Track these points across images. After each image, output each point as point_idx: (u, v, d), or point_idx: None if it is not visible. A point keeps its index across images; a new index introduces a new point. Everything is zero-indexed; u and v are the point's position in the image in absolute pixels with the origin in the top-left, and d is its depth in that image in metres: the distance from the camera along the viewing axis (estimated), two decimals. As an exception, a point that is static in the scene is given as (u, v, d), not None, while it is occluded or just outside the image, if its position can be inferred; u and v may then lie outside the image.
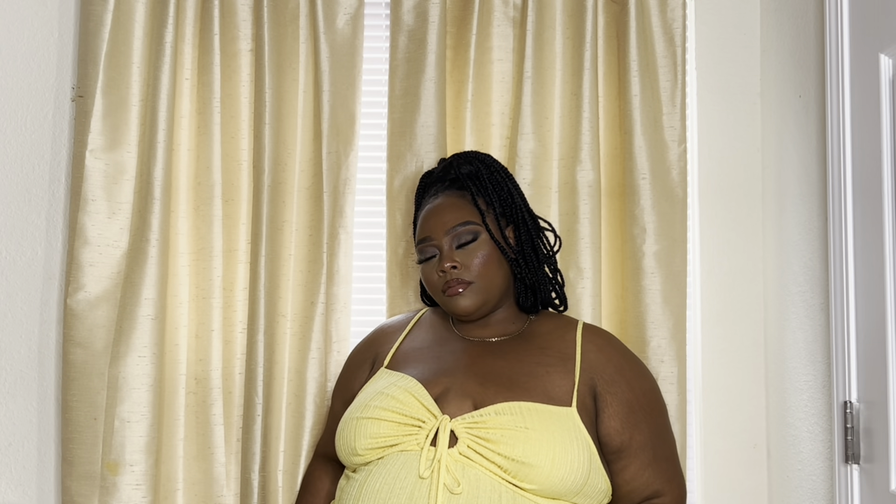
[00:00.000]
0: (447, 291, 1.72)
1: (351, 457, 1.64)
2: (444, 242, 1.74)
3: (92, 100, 2.01)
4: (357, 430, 1.63)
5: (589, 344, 1.74)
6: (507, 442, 1.55)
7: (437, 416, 1.60)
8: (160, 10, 2.03)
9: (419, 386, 1.66)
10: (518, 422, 1.58)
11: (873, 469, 1.66)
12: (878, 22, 1.66)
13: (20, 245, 2.09)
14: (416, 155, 2.03)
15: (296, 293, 2.04)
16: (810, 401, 1.92)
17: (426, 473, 1.55)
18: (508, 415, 1.59)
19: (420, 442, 1.58)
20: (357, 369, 1.84)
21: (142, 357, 1.97)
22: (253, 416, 1.98)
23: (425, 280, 1.77)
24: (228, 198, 2.07)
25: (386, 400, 1.64)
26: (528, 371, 1.68)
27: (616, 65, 2.10)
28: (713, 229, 2.15)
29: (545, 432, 1.57)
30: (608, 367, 1.71)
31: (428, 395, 1.64)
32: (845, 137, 1.75)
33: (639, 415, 1.69)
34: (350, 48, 2.08)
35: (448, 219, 1.76)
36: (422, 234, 1.78)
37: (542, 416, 1.59)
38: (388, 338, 1.84)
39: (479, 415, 1.60)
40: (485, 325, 1.78)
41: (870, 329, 1.67)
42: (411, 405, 1.62)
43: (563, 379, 1.67)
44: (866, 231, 1.68)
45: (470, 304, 1.73)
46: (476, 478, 1.55)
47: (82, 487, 1.95)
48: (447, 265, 1.72)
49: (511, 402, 1.61)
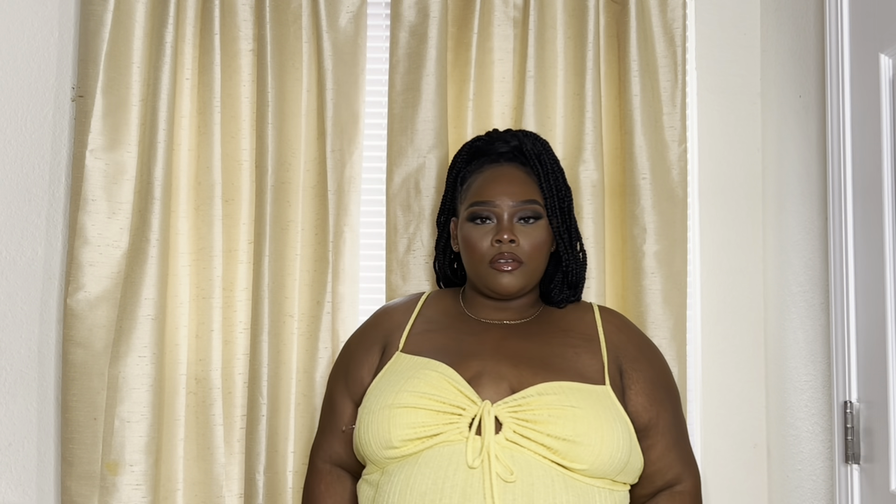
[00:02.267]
0: (496, 264, 1.65)
1: (384, 450, 1.53)
2: (507, 212, 1.67)
3: (92, 100, 2.01)
4: (392, 420, 1.52)
5: (609, 325, 1.72)
6: (556, 422, 1.50)
7: (478, 402, 1.53)
8: (160, 10, 2.03)
9: (451, 370, 1.57)
10: (563, 401, 1.53)
11: (873, 469, 1.66)
12: (878, 22, 1.66)
13: (20, 245, 2.09)
14: (417, 150, 2.03)
15: (302, 293, 2.04)
16: (810, 401, 1.92)
17: (476, 463, 1.47)
18: (552, 394, 1.54)
19: (462, 430, 1.50)
20: (364, 354, 1.72)
21: (142, 357, 1.97)
22: (257, 417, 1.98)
23: (470, 244, 1.68)
24: (229, 198, 2.07)
25: (419, 384, 1.55)
26: (558, 352, 1.64)
27: (616, 65, 2.10)
28: (713, 229, 2.15)
29: (590, 410, 1.54)
30: (630, 346, 1.69)
31: (462, 379, 1.56)
32: (845, 137, 1.75)
33: (662, 392, 1.67)
34: (353, 46, 2.08)
35: (517, 190, 1.69)
36: (483, 195, 1.69)
37: (584, 395, 1.56)
38: (394, 320, 1.75)
39: (521, 397, 1.54)
40: (504, 307, 1.72)
41: (870, 329, 1.67)
42: (447, 391, 1.54)
43: (592, 358, 1.64)
44: (866, 231, 1.68)
45: (514, 285, 1.66)
46: (527, 463, 1.49)
47: (82, 487, 1.95)
48: (506, 236, 1.64)
49: (552, 382, 1.56)
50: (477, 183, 1.73)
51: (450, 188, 1.83)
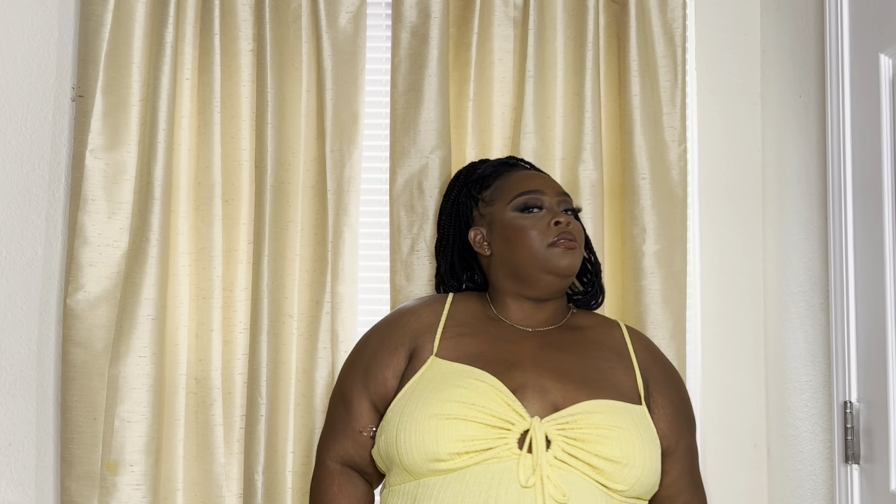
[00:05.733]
0: (561, 243, 1.64)
1: (429, 463, 1.46)
2: (554, 201, 1.70)
3: (92, 100, 2.01)
4: (440, 432, 1.46)
5: (638, 343, 1.71)
6: (604, 442, 1.49)
7: (526, 417, 1.49)
8: (160, 10, 2.03)
9: (497, 381, 1.52)
10: (610, 420, 1.52)
11: (873, 469, 1.66)
12: (878, 22, 1.66)
13: (20, 245, 2.09)
14: (419, 151, 2.03)
15: (301, 293, 2.04)
16: (810, 401, 1.92)
17: (530, 482, 1.44)
18: (600, 413, 1.52)
19: (512, 447, 1.46)
20: (389, 355, 1.65)
21: (142, 357, 1.97)
22: (256, 417, 1.98)
23: (523, 232, 1.66)
24: (228, 198, 2.07)
25: (465, 394, 1.49)
26: (594, 366, 1.62)
27: (616, 65, 2.10)
28: (713, 229, 2.15)
29: (634, 430, 1.53)
30: (657, 369, 1.68)
31: (508, 391, 1.52)
32: (845, 137, 1.75)
33: (683, 420, 1.66)
34: (352, 46, 2.08)
35: (556, 184, 1.75)
36: (529, 186, 1.71)
37: (626, 415, 1.55)
38: (422, 321, 1.68)
39: (569, 414, 1.51)
40: (540, 309, 1.69)
41: (870, 329, 1.67)
42: (495, 403, 1.49)
43: (626, 375, 1.63)
44: (866, 231, 1.68)
45: (575, 264, 1.65)
46: (575, 483, 1.47)
47: (82, 487, 1.95)
48: (565, 219, 1.66)
49: (597, 401, 1.54)
50: (512, 180, 1.74)
51: (455, 205, 1.82)
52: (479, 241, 1.76)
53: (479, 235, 1.76)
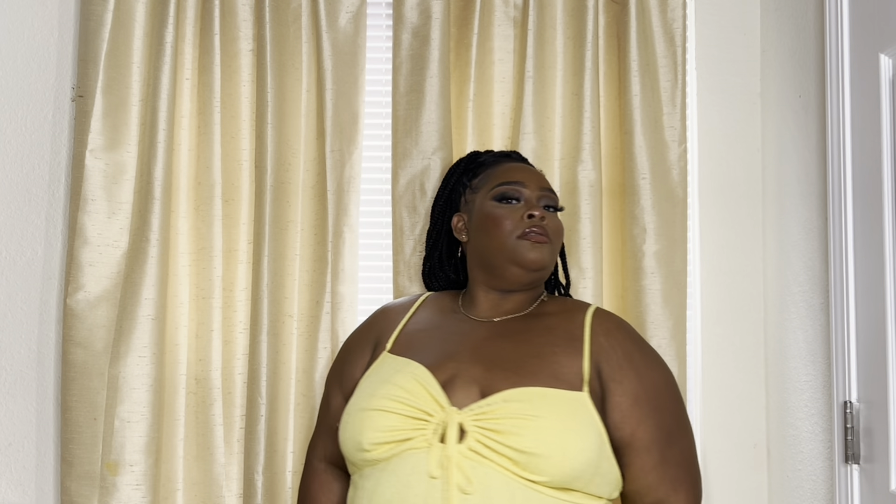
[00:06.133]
0: (531, 236, 1.63)
1: (357, 453, 1.52)
2: (535, 195, 1.69)
3: (92, 100, 2.01)
4: (363, 423, 1.52)
5: (598, 327, 1.62)
6: (517, 432, 1.45)
7: (446, 408, 1.49)
8: (160, 10, 2.04)
9: (426, 373, 1.55)
10: (527, 409, 1.47)
11: (873, 469, 1.66)
12: (878, 22, 1.66)
13: (20, 245, 2.09)
14: (421, 152, 2.03)
15: (301, 293, 2.04)
16: (810, 401, 1.92)
17: (437, 473, 1.45)
18: (517, 402, 1.48)
19: (429, 437, 1.48)
20: (357, 354, 1.71)
21: (142, 357, 1.97)
22: (256, 417, 1.98)
23: (496, 221, 1.66)
24: (228, 198, 2.07)
25: (392, 388, 1.53)
26: (535, 352, 1.57)
27: (616, 65, 2.10)
28: (713, 229, 2.15)
29: (556, 420, 1.47)
30: (615, 353, 1.58)
31: (436, 382, 1.53)
32: (845, 137, 1.75)
33: (644, 409, 1.55)
34: (352, 46, 2.08)
35: (542, 179, 1.74)
36: (511, 177, 1.70)
37: (551, 402, 1.49)
38: (390, 320, 1.73)
39: (486, 404, 1.49)
40: (506, 299, 1.69)
41: (870, 329, 1.67)
42: (419, 395, 1.52)
43: (570, 360, 1.56)
44: (866, 231, 1.68)
45: (543, 259, 1.64)
46: (486, 475, 1.44)
47: (82, 488, 1.95)
48: (539, 213, 1.65)
49: (519, 388, 1.50)
50: (499, 170, 1.74)
51: (448, 191, 1.84)
52: (461, 228, 1.78)
53: (461, 221, 1.78)
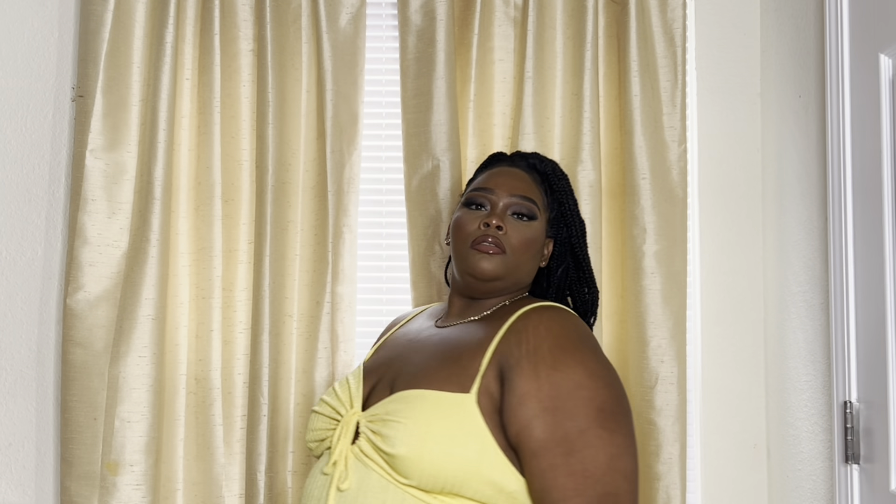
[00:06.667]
0: (478, 245, 1.60)
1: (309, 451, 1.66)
2: (503, 203, 1.63)
3: (92, 100, 2.01)
4: (308, 424, 1.63)
5: (517, 325, 1.53)
6: (387, 434, 1.45)
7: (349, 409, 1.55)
8: (160, 10, 2.04)
9: (358, 378, 1.61)
10: (400, 412, 1.46)
11: (873, 469, 1.66)
12: (878, 22, 1.66)
13: (20, 245, 2.09)
14: (431, 154, 2.04)
15: (301, 293, 2.05)
16: (810, 401, 1.92)
17: (328, 470, 1.50)
18: (396, 403, 1.48)
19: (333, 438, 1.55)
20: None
21: (142, 357, 1.97)
22: (258, 417, 1.98)
23: (457, 225, 1.64)
24: (228, 198, 2.07)
25: (330, 391, 1.63)
26: (444, 355, 1.55)
27: (616, 65, 2.10)
28: (713, 229, 2.15)
29: (422, 423, 1.43)
30: (518, 351, 1.48)
31: (360, 386, 1.58)
32: (845, 137, 1.75)
33: (533, 410, 1.43)
34: (352, 47, 2.08)
35: (519, 185, 1.65)
36: (483, 183, 1.67)
37: (426, 404, 1.46)
38: (387, 330, 1.80)
39: (378, 406, 1.51)
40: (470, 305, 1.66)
41: (870, 329, 1.67)
42: (342, 397, 1.59)
43: (471, 361, 1.50)
44: (866, 231, 1.68)
45: (491, 270, 1.59)
46: (367, 475, 1.46)
47: (82, 487, 1.95)
48: (495, 222, 1.59)
49: (407, 391, 1.50)
50: (483, 175, 1.72)
51: None
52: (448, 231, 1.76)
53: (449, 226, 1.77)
